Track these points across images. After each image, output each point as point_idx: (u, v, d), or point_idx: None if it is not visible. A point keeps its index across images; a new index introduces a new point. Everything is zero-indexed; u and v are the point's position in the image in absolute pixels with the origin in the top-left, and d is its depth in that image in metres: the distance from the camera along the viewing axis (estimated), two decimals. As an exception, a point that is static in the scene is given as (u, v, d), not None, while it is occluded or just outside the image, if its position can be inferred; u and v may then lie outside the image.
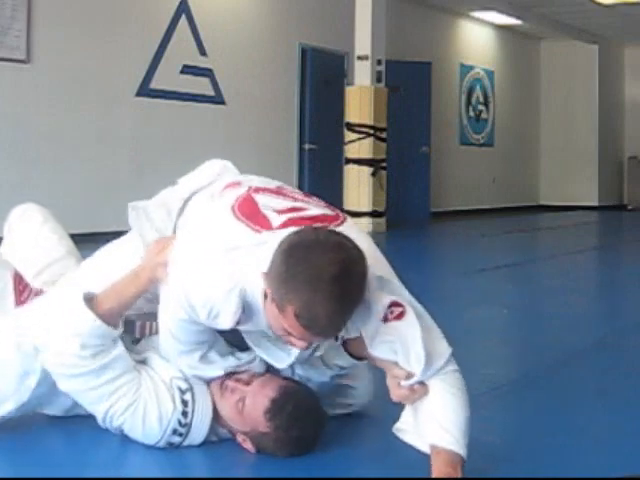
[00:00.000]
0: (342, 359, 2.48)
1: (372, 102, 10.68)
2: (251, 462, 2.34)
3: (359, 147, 10.76)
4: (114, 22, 9.05)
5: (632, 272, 7.30)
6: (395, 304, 2.15)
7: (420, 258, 8.81)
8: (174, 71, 9.68)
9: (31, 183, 8.09)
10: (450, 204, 14.53)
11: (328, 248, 2.01)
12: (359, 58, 10.78)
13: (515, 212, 15.57)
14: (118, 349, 2.36)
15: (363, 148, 10.74)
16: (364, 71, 10.75)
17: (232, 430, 2.40)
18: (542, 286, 6.48)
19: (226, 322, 2.18)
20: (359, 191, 10.78)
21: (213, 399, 2.40)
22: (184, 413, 2.36)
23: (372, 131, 10.71)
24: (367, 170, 10.75)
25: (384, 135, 10.87)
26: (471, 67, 15.37)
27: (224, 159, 2.66)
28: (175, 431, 2.36)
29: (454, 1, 13.86)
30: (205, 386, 2.41)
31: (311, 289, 1.96)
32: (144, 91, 9.37)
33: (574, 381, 3.34)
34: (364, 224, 10.41)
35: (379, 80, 10.82)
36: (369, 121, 10.69)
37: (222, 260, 2.17)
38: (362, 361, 2.43)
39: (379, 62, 10.78)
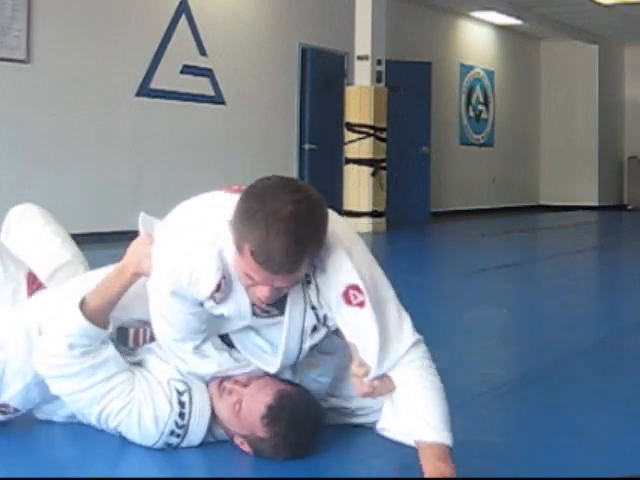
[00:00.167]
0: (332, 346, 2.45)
1: (372, 102, 10.68)
2: (250, 462, 2.34)
3: (359, 147, 10.76)
4: (114, 22, 9.05)
5: (632, 272, 7.30)
6: (357, 289, 2.14)
7: (420, 258, 8.81)
8: (174, 71, 9.68)
9: (31, 183, 8.09)
10: (450, 204, 14.53)
11: (289, 190, 2.02)
12: (359, 58, 10.78)
13: (515, 212, 15.57)
14: (109, 350, 2.35)
15: (363, 148, 10.74)
16: (364, 71, 10.76)
17: (230, 432, 2.39)
18: (542, 286, 6.48)
19: (208, 285, 2.16)
20: (359, 191, 10.78)
21: (211, 400, 2.39)
22: (181, 414, 2.35)
23: (372, 131, 10.70)
24: (367, 170, 10.75)
25: (384, 135, 10.87)
26: (471, 67, 15.36)
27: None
28: (172, 432, 2.35)
29: (454, 1, 13.86)
30: (204, 387, 2.40)
31: (266, 225, 1.97)
32: (144, 91, 9.37)
33: (574, 381, 3.34)
34: (364, 224, 10.41)
35: (379, 80, 10.82)
36: (369, 121, 10.69)
37: (201, 225, 2.20)
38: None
39: (379, 62, 10.78)
